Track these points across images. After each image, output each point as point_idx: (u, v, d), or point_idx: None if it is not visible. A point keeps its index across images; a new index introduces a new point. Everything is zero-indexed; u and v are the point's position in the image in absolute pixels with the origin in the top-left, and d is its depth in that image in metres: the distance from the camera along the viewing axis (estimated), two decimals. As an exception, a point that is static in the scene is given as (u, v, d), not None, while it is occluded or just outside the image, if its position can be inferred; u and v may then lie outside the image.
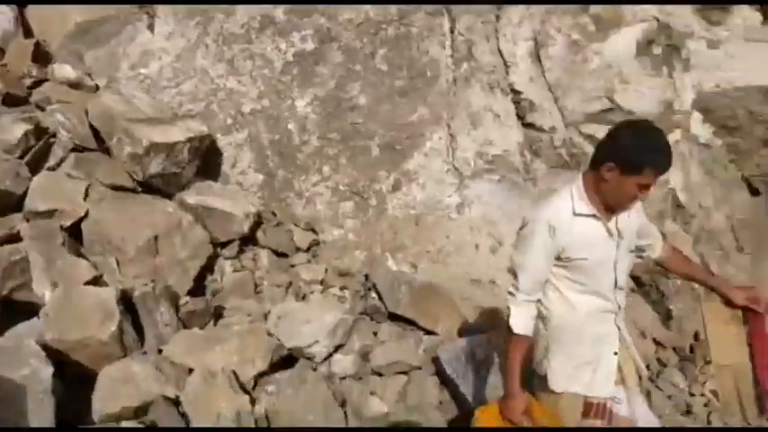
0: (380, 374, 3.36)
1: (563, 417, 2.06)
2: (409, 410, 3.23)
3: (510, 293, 2.00)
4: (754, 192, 4.21)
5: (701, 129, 3.98)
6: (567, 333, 2.03)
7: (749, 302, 2.11)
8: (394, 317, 3.65)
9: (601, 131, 3.77)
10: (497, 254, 3.83)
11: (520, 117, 3.86)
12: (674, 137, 3.83)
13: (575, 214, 1.93)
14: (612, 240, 1.98)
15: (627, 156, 1.81)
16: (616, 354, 2.07)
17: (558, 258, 1.96)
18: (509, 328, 1.97)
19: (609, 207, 1.94)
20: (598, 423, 2.04)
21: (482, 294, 3.80)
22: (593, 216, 1.94)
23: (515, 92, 3.94)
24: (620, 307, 2.08)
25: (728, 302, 2.16)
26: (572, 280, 1.99)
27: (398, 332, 3.58)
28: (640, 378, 2.16)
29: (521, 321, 1.96)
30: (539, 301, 2.02)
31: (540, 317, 2.04)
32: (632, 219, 2.04)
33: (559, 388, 2.06)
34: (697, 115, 3.98)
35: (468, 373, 3.22)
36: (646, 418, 2.09)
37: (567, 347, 2.04)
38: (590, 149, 3.76)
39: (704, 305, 2.32)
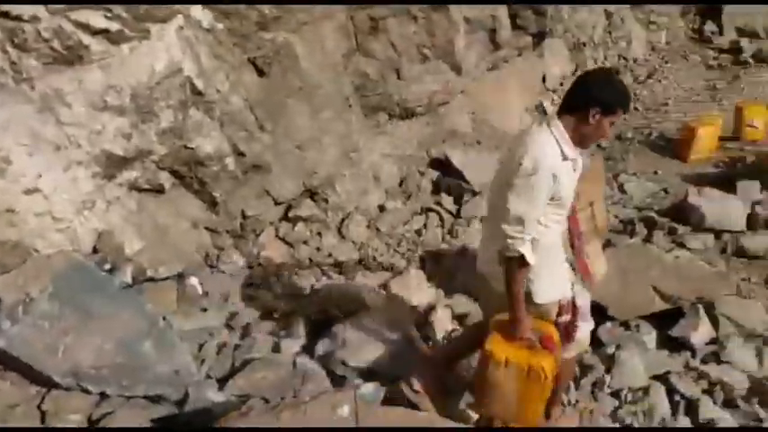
0: None
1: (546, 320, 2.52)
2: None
3: (517, 238, 2.25)
4: (261, 72, 4.62)
5: (201, 14, 3.99)
6: (548, 255, 2.41)
7: None
8: None
9: (94, 17, 3.41)
10: (7, 175, 3.17)
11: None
12: (176, 23, 3.73)
13: (564, 159, 2.30)
14: (576, 176, 2.41)
15: (607, 100, 2.28)
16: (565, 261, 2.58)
17: (552, 198, 2.30)
18: (525, 264, 2.27)
19: (581, 145, 2.36)
20: (568, 317, 2.54)
21: (-1, 228, 3.16)
22: (573, 159, 2.34)
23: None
24: None
25: None
26: (554, 212, 2.37)
27: None
28: (574, 269, 2.65)
29: (531, 255, 2.28)
30: None
31: None
32: None
33: (542, 300, 2.45)
34: (197, 0, 3.94)
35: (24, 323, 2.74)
36: (582, 294, 2.62)
37: (547, 267, 2.41)
38: (87, 39, 3.37)
39: None
